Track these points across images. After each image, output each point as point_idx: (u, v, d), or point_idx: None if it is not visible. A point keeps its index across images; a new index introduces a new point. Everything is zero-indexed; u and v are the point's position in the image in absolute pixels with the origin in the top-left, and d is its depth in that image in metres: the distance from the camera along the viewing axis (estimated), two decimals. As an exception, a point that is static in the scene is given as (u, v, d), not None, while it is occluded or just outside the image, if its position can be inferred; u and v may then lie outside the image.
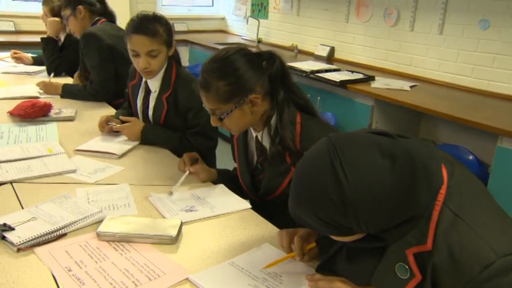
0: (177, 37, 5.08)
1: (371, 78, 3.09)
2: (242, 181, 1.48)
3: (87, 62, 2.42)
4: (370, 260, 0.87)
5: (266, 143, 1.36)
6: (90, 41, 2.35)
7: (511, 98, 2.68)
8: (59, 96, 2.43)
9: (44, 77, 2.76)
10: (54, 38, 2.78)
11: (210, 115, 1.82)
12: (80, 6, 2.43)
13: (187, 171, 1.49)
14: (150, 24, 1.72)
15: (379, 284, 0.86)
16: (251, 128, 1.40)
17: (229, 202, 1.38)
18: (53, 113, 2.11)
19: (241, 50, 1.27)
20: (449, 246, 0.77)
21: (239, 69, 1.23)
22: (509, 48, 2.67)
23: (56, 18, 2.70)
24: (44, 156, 1.64)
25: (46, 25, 2.79)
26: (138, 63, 1.75)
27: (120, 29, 2.87)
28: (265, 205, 1.43)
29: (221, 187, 1.49)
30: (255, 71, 1.25)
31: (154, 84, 1.86)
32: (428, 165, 0.80)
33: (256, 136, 1.39)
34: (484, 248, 0.75)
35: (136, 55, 1.74)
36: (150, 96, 1.89)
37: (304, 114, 1.32)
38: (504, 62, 2.72)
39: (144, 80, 1.88)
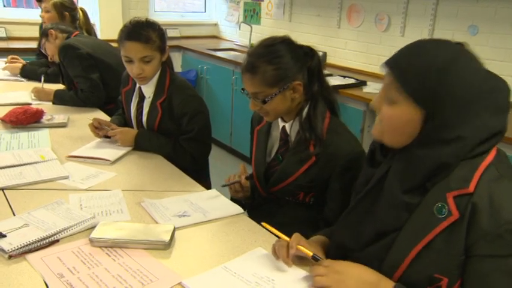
0: (169, 43, 5.08)
1: (363, 83, 3.12)
2: (255, 171, 1.50)
3: (70, 73, 2.42)
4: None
5: (293, 133, 1.40)
6: (68, 51, 2.37)
7: (501, 102, 2.72)
8: (51, 103, 2.43)
9: (36, 83, 2.75)
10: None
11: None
12: (51, 30, 2.46)
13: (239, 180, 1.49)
14: (143, 31, 1.72)
15: (416, 223, 0.90)
16: (279, 118, 1.43)
17: (221, 207, 1.38)
18: (45, 119, 2.10)
19: (286, 39, 1.34)
20: (490, 193, 0.84)
21: (286, 56, 1.30)
22: (498, 53, 2.71)
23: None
24: (36, 162, 1.63)
25: (45, 21, 2.81)
26: (132, 70, 1.75)
27: (96, 37, 2.91)
28: (264, 203, 1.44)
29: (214, 192, 1.49)
30: (297, 60, 1.32)
31: (148, 90, 1.86)
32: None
33: (284, 126, 1.42)
34: None
35: (130, 61, 1.75)
36: (144, 102, 1.89)
37: (332, 114, 1.39)
38: (493, 67, 2.72)
39: (137, 86, 1.89)
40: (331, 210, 1.35)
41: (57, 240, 1.16)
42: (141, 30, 1.72)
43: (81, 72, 2.37)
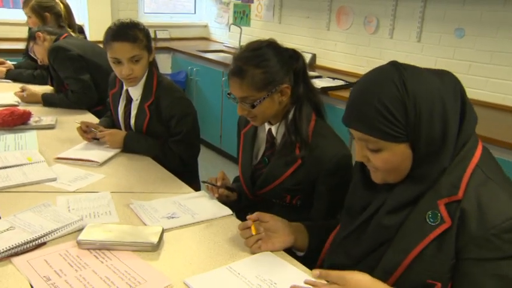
0: (159, 45, 5.06)
1: (352, 85, 3.14)
2: (241, 174, 1.49)
3: (61, 74, 2.40)
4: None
5: (279, 135, 1.40)
6: (58, 53, 2.35)
7: (487, 104, 2.75)
8: (37, 104, 2.39)
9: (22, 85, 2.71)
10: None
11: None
12: (38, 33, 2.43)
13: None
14: (129, 30, 1.72)
15: (409, 232, 0.91)
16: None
17: (210, 209, 1.38)
18: (32, 121, 2.08)
19: (272, 43, 1.34)
20: (478, 197, 0.86)
21: (272, 59, 1.30)
22: (484, 56, 2.75)
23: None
24: (23, 164, 1.62)
25: (31, 27, 2.77)
26: (121, 71, 1.74)
27: (85, 38, 2.88)
28: (251, 206, 1.44)
29: (202, 193, 1.49)
30: (284, 63, 1.32)
31: (135, 93, 1.85)
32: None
33: (270, 129, 1.42)
34: (508, 204, 0.85)
35: (119, 62, 1.73)
36: (132, 105, 1.88)
37: (318, 116, 1.39)
38: (479, 69, 2.80)
39: (124, 88, 1.88)
40: (317, 211, 1.36)
41: (44, 243, 1.15)
42: (127, 30, 1.71)
43: (72, 74, 2.35)
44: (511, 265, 0.83)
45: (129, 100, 1.89)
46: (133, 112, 1.87)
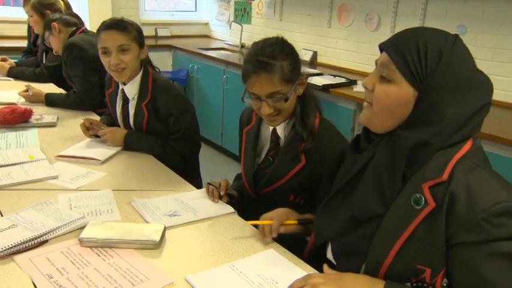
0: (160, 42, 5.06)
1: (353, 83, 3.13)
2: (244, 173, 1.48)
3: (70, 72, 2.40)
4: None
5: (283, 134, 1.39)
6: (73, 51, 2.35)
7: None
8: (41, 104, 2.39)
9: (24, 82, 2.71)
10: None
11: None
12: (54, 23, 2.42)
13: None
14: (120, 22, 1.74)
15: (395, 216, 0.92)
16: None
17: (212, 206, 1.38)
18: (33, 119, 2.08)
19: (281, 38, 1.34)
20: (468, 182, 0.86)
21: (291, 51, 1.31)
22: (486, 52, 2.74)
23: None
24: (24, 162, 1.62)
25: (33, 25, 2.77)
26: (110, 61, 1.73)
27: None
28: (253, 204, 1.44)
29: (204, 191, 1.49)
30: (296, 56, 1.34)
31: (131, 92, 1.84)
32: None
33: (274, 128, 1.40)
34: (497, 189, 0.86)
35: (107, 52, 1.73)
36: (129, 104, 1.87)
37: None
38: (481, 66, 2.75)
39: (120, 87, 1.87)
40: None
41: (46, 241, 1.15)
42: (117, 21, 1.74)
43: (81, 74, 2.34)
44: (501, 246, 0.84)
45: (125, 100, 1.88)
46: (132, 112, 1.87)
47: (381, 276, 0.93)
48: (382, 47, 0.97)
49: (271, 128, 1.42)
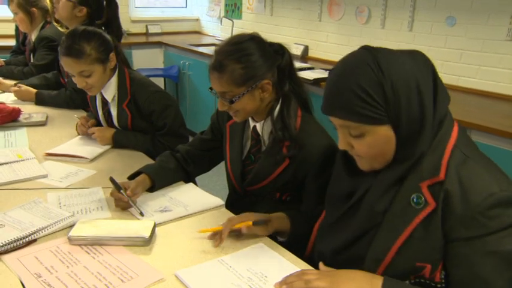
0: (151, 39, 5.02)
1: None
2: (231, 169, 1.47)
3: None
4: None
5: (265, 133, 1.37)
6: None
7: (479, 92, 2.76)
8: (32, 103, 2.36)
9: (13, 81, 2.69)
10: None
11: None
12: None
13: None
14: (75, 45, 1.64)
15: (395, 217, 0.92)
16: (249, 118, 1.40)
17: (201, 200, 1.38)
18: (22, 118, 2.06)
19: (256, 37, 1.30)
20: (459, 177, 0.87)
21: (254, 54, 1.26)
22: (475, 44, 2.75)
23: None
24: (12, 162, 1.60)
25: (19, 24, 2.74)
26: (77, 83, 1.73)
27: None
28: (241, 198, 1.44)
29: (191, 185, 1.48)
30: (267, 58, 1.28)
31: (109, 94, 1.81)
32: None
33: (254, 126, 1.39)
34: (488, 181, 0.86)
35: (72, 75, 1.72)
36: (110, 106, 1.85)
37: (304, 110, 1.36)
38: (471, 58, 2.80)
39: None
40: (307, 206, 1.33)
41: (35, 240, 1.14)
42: (73, 45, 1.63)
43: None
44: (498, 239, 0.84)
45: (105, 102, 1.86)
46: (114, 113, 1.85)
47: (380, 274, 0.93)
48: (327, 114, 0.94)
49: (251, 125, 1.40)
